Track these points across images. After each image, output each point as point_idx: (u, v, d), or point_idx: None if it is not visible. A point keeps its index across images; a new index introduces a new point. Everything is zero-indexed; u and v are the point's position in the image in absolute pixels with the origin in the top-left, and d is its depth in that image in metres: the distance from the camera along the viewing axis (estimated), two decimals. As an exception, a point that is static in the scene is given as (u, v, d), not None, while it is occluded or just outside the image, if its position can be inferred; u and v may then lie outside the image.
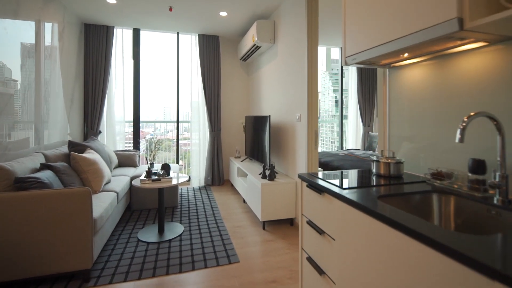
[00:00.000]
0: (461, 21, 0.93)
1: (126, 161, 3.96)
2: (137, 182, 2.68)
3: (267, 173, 3.18)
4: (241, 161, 4.17)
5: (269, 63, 3.89)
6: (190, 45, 4.66)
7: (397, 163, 1.36)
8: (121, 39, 4.30)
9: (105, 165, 2.88)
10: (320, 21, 3.65)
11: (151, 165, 2.93)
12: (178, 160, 4.84)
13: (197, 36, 4.61)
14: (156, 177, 2.71)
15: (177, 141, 4.83)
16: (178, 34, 4.64)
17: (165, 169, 2.88)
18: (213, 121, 4.66)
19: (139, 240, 2.61)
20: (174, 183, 2.69)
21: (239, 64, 5.04)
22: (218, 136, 4.71)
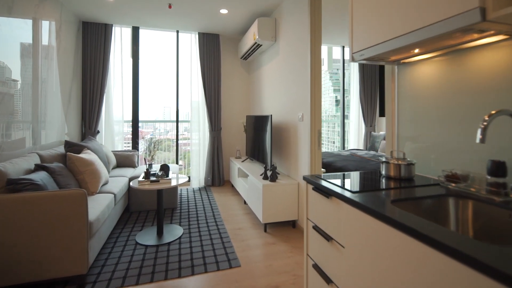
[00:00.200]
0: (484, 11, 0.85)
1: (124, 161, 3.89)
2: (135, 183, 2.61)
3: (269, 174, 3.11)
4: (242, 161, 4.10)
5: (270, 61, 3.81)
6: (190, 43, 4.58)
7: (408, 165, 1.28)
8: (120, 38, 4.23)
9: (102, 166, 2.81)
10: (321, 19, 3.57)
11: (150, 166, 2.86)
12: (177, 160, 4.77)
13: (197, 34, 4.53)
14: (154, 178, 2.63)
15: (177, 141, 4.75)
16: (177, 32, 4.56)
17: (164, 170, 2.81)
18: (213, 121, 4.59)
19: (137, 243, 2.54)
20: (173, 184, 2.62)
21: (240, 63, 4.97)
22: (218, 136, 4.63)
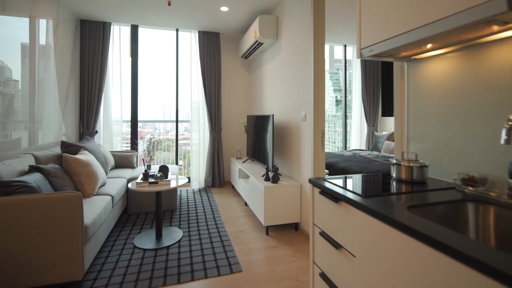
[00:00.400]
0: (511, 0, 0.78)
1: (123, 162, 3.81)
2: (133, 185, 2.54)
3: (271, 175, 3.03)
4: (243, 162, 4.02)
5: (271, 60, 3.74)
6: (190, 42, 4.51)
7: (421, 167, 1.21)
8: (119, 36, 4.16)
9: (99, 167, 2.73)
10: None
11: (148, 167, 2.78)
12: (177, 160, 4.70)
13: (197, 33, 4.46)
14: (153, 180, 2.56)
15: (176, 141, 4.68)
16: (177, 31, 4.49)
17: (163, 171, 2.73)
18: (213, 121, 4.51)
19: (135, 246, 2.46)
20: (172, 186, 2.54)
21: (241, 62, 4.89)
22: (218, 136, 4.56)
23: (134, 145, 4.30)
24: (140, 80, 4.39)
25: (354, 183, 1.24)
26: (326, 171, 3.79)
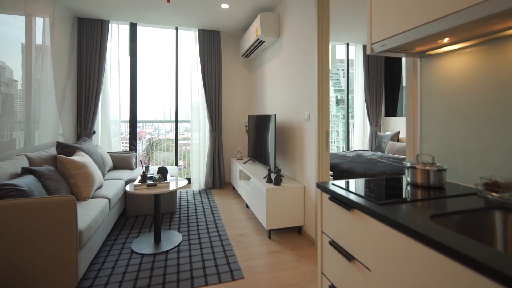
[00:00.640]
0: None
1: (121, 163, 3.72)
2: (130, 187, 2.45)
3: (273, 177, 2.94)
4: (244, 163, 3.93)
5: (273, 59, 3.65)
6: (189, 41, 4.42)
7: (439, 171, 1.12)
8: (117, 35, 4.07)
9: (96, 169, 2.65)
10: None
11: (147, 169, 2.69)
12: (177, 161, 4.61)
13: (197, 31, 4.37)
14: (151, 182, 2.47)
15: (176, 142, 4.59)
16: (177, 29, 4.40)
17: (162, 173, 2.64)
18: (213, 121, 4.42)
19: (133, 251, 2.37)
20: (171, 188, 2.45)
21: (241, 61, 4.80)
22: (219, 136, 4.47)
23: (132, 145, 4.21)
24: (139, 79, 4.30)
25: (365, 188, 1.15)
26: (330, 172, 3.70)
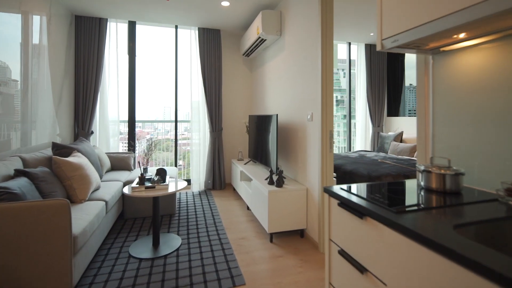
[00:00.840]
0: None
1: (119, 164, 3.65)
2: (128, 189, 2.37)
3: (275, 178, 2.86)
4: (244, 163, 3.86)
5: (275, 57, 3.57)
6: (189, 39, 4.34)
7: (456, 175, 1.04)
8: (115, 33, 3.99)
9: (93, 170, 2.57)
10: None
11: (145, 170, 2.62)
12: (176, 162, 4.53)
13: (196, 30, 4.29)
14: (149, 184, 2.40)
15: (176, 142, 4.52)
16: (176, 27, 4.32)
17: (161, 174, 2.57)
18: (214, 121, 4.35)
19: (130, 255, 2.30)
20: (170, 190, 2.37)
21: (242, 60, 4.73)
22: (219, 136, 4.39)
23: (130, 146, 4.14)
24: (138, 79, 4.23)
25: (376, 193, 1.08)
26: (333, 174, 3.62)
